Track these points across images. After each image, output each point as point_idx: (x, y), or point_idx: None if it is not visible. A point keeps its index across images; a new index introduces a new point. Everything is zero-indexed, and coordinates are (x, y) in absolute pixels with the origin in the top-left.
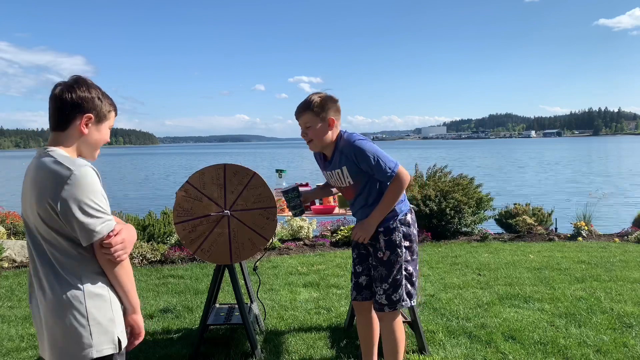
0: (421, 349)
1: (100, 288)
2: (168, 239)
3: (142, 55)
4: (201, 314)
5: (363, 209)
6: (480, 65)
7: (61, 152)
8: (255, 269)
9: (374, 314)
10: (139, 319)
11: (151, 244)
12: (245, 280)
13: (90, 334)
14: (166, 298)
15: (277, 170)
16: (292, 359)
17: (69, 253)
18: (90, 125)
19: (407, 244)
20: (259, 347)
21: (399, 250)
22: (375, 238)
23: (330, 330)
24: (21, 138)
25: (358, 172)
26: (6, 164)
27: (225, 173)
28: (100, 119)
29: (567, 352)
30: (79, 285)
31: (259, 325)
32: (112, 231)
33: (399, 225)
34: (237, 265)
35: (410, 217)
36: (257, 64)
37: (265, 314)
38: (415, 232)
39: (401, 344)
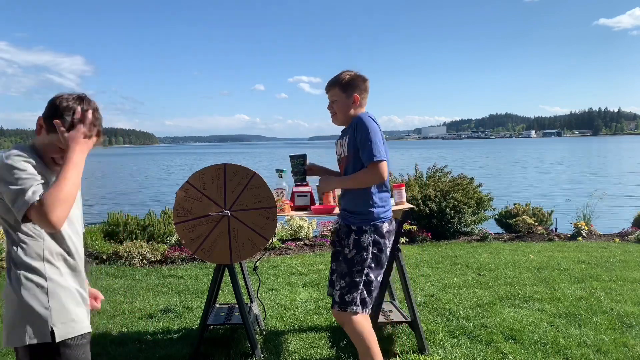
0: (421, 349)
1: (38, 277)
2: (168, 239)
3: (142, 55)
4: (201, 314)
5: (347, 193)
6: (480, 65)
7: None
8: (255, 269)
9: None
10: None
11: (151, 244)
12: (245, 280)
13: (26, 322)
14: (166, 298)
15: (277, 170)
16: (292, 359)
17: (14, 242)
18: (42, 131)
19: (375, 250)
20: (259, 347)
21: (364, 253)
22: (348, 234)
23: (330, 330)
24: (21, 138)
25: (354, 145)
26: None
27: (225, 173)
28: (49, 130)
29: (567, 352)
30: (18, 273)
31: (259, 325)
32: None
33: (371, 230)
34: (237, 265)
35: (386, 227)
36: (256, 64)
37: (265, 314)
38: (387, 244)
39: (372, 343)
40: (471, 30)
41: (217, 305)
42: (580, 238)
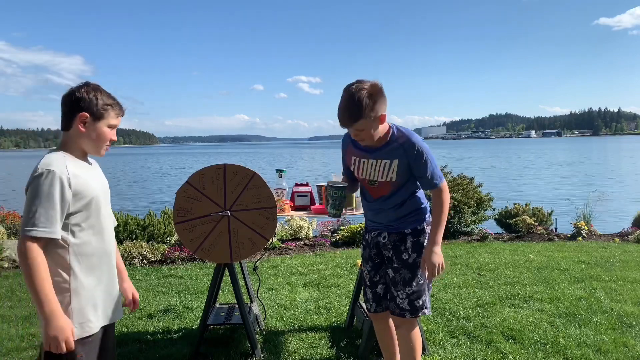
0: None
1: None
2: (168, 239)
3: (142, 55)
4: (201, 313)
5: (394, 209)
6: (480, 65)
7: (50, 155)
8: (255, 268)
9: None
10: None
11: (151, 244)
12: (245, 280)
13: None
14: (166, 298)
15: (277, 170)
16: (292, 359)
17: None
18: (87, 123)
19: None
20: (259, 347)
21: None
22: (402, 240)
23: (330, 330)
24: (21, 138)
25: (406, 171)
26: (6, 164)
27: (225, 173)
28: (96, 117)
29: (567, 352)
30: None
31: (259, 325)
32: (36, 240)
33: (425, 227)
34: (237, 265)
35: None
36: (255, 64)
37: (265, 314)
38: None
39: (418, 354)
40: (471, 30)
41: (217, 305)
42: (580, 238)
